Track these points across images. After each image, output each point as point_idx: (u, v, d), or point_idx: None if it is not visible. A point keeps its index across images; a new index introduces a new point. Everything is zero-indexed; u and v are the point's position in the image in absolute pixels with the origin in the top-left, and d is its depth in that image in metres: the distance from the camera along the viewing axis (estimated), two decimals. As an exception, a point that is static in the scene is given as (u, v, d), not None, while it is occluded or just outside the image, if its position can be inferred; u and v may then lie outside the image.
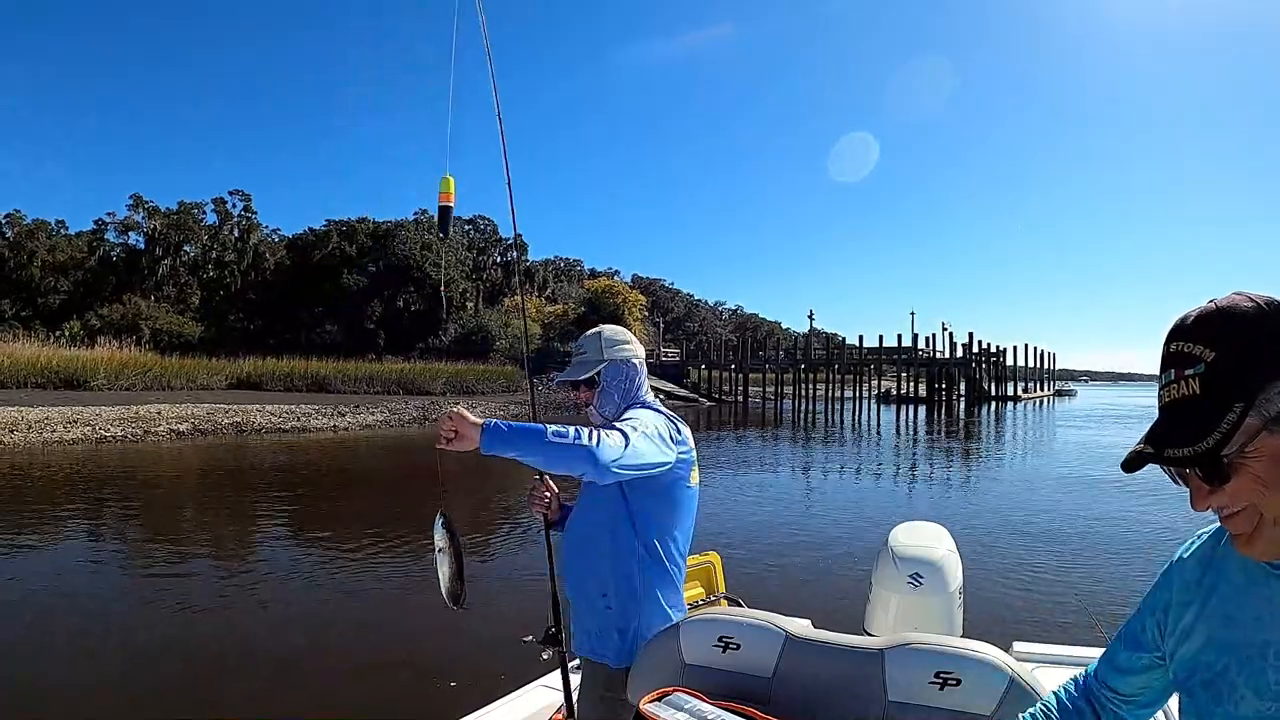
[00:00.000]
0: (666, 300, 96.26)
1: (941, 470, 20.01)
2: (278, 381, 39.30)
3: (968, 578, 3.27)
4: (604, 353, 2.56)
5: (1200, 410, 0.95)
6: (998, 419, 43.24)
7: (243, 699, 5.43)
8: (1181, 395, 0.98)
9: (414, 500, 14.77)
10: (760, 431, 32.42)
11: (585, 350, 2.58)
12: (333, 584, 8.54)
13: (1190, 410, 0.97)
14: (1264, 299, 0.98)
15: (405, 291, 59.89)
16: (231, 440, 23.74)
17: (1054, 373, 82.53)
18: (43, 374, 31.60)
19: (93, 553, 10.08)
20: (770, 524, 11.79)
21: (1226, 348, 0.96)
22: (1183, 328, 1.02)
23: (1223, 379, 0.95)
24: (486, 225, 77.93)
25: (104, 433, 22.40)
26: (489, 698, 3.25)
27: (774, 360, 67.51)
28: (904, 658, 1.88)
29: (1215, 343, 0.97)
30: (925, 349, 64.91)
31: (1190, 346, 0.99)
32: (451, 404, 25.49)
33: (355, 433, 26.99)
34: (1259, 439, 0.93)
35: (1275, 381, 0.93)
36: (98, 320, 52.01)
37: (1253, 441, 0.93)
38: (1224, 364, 0.96)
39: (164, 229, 61.46)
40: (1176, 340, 1.01)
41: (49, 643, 6.55)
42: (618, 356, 2.57)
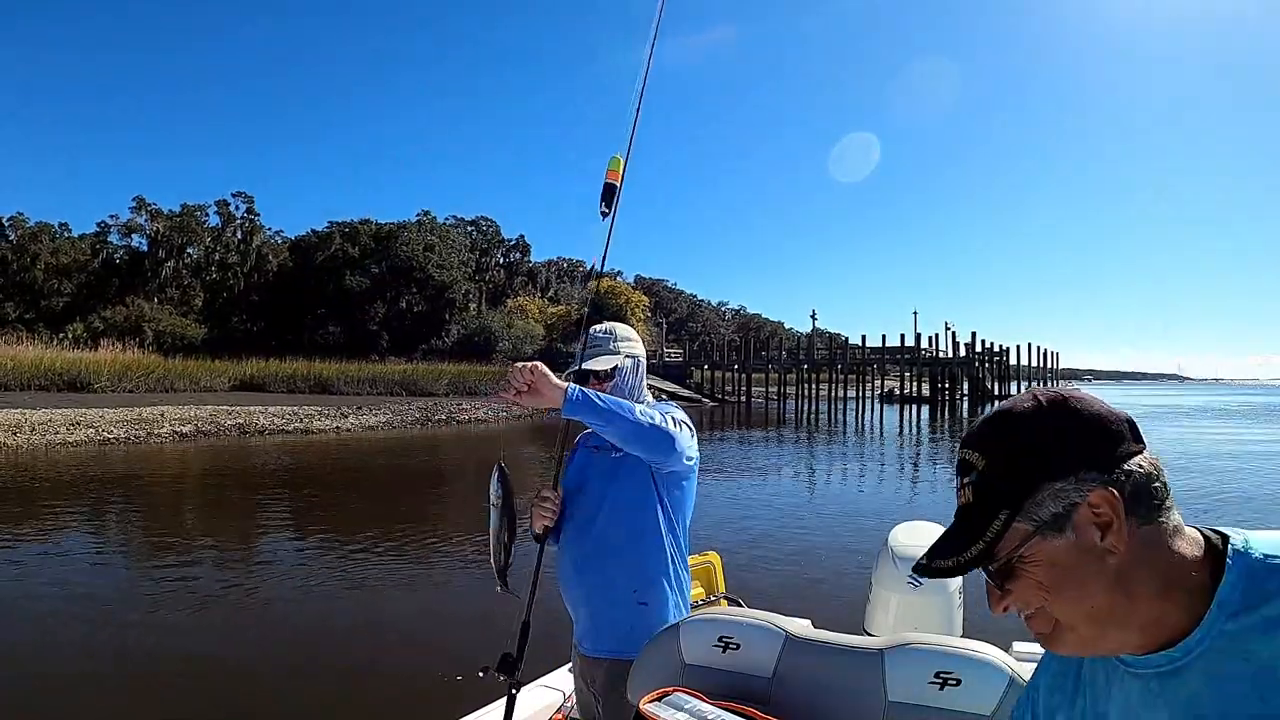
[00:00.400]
0: (669, 301, 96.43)
1: (944, 470, 19.97)
2: (281, 383, 39.26)
3: (968, 578, 3.25)
4: (620, 347, 2.58)
5: (971, 519, 0.96)
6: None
7: (245, 698, 5.43)
8: (962, 503, 0.99)
9: (416, 501, 14.79)
10: (763, 432, 32.42)
11: (602, 343, 2.58)
12: (335, 583, 8.54)
13: (964, 519, 0.98)
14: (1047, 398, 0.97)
15: (408, 293, 59.89)
16: (234, 441, 23.75)
17: (1057, 372, 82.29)
18: (46, 376, 31.59)
19: (96, 552, 10.07)
20: (771, 524, 11.78)
21: (995, 455, 0.96)
22: (967, 434, 1.03)
23: (991, 487, 0.96)
24: (489, 226, 78.08)
25: (107, 434, 22.41)
26: (489, 696, 3.24)
27: (777, 360, 67.46)
28: (904, 658, 1.88)
29: (987, 450, 0.97)
30: (928, 349, 64.83)
31: (969, 454, 1.00)
32: (455, 404, 25.67)
33: (358, 434, 27.00)
34: (1032, 544, 0.93)
35: (1044, 486, 0.93)
36: (101, 322, 52.05)
37: (1026, 546, 0.93)
38: (992, 471, 0.96)
39: (167, 231, 61.50)
40: (962, 448, 1.02)
41: (52, 642, 6.55)
42: (633, 352, 2.60)
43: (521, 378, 2.17)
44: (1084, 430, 0.94)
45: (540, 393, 2.17)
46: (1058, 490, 0.92)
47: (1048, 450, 0.94)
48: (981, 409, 51.14)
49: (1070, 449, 0.93)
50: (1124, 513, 0.92)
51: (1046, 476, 0.93)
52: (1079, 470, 0.92)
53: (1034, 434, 0.95)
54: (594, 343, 2.59)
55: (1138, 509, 0.93)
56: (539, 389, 2.17)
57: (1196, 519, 1.04)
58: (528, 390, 2.17)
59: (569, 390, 2.19)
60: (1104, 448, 0.93)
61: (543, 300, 74.44)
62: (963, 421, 40.05)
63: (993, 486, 0.95)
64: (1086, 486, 0.92)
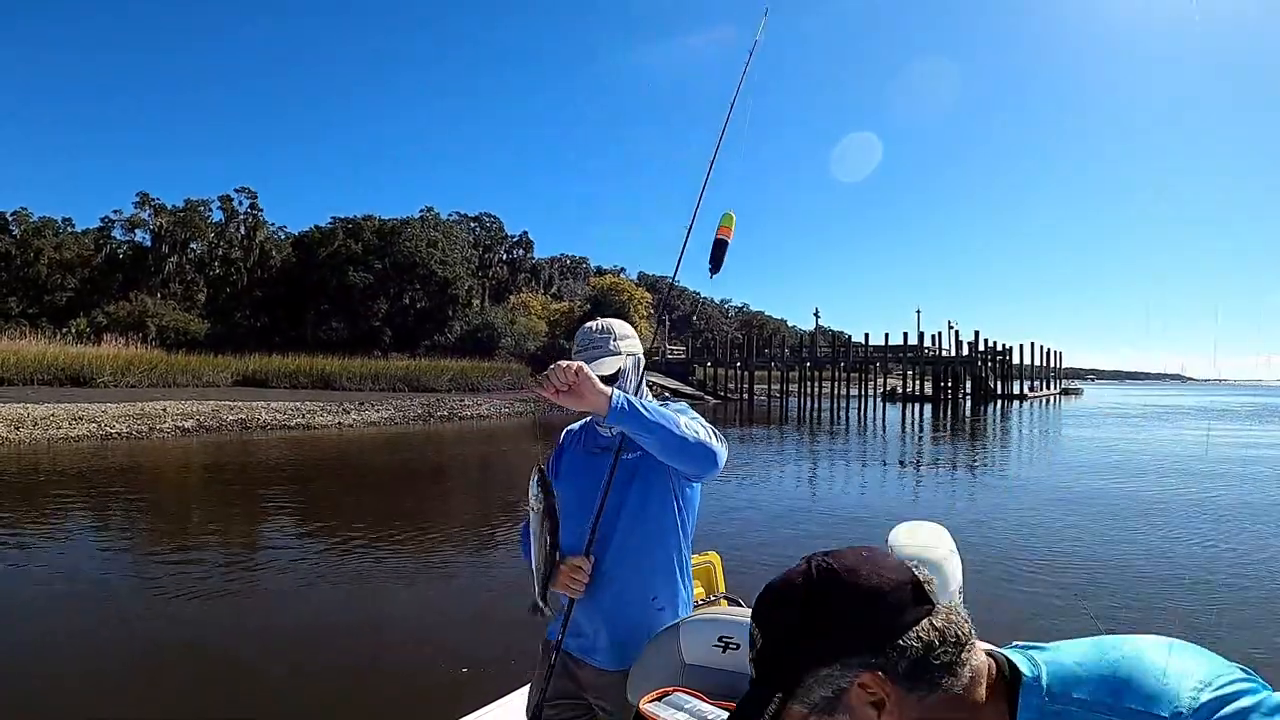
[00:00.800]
0: (672, 298, 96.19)
1: (946, 469, 19.94)
2: (283, 378, 39.33)
3: (968, 578, 3.26)
4: (621, 346, 2.44)
5: (754, 695, 0.96)
6: (1003, 417, 43.13)
7: (245, 693, 5.41)
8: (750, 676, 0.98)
9: (417, 497, 14.77)
10: (765, 429, 32.38)
11: (602, 344, 2.43)
12: (336, 578, 8.54)
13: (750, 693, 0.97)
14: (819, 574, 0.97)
15: (411, 289, 59.85)
16: (236, 437, 23.75)
17: (1060, 371, 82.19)
18: (49, 371, 31.67)
19: (97, 549, 10.06)
20: (771, 523, 11.74)
21: (769, 636, 0.97)
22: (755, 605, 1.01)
23: (768, 666, 0.96)
24: (492, 223, 78.08)
25: (109, 429, 22.40)
26: (487, 696, 3.23)
27: (780, 358, 67.40)
28: None
29: (764, 629, 0.98)
30: (931, 347, 64.73)
31: (753, 628, 0.99)
32: (457, 401, 25.59)
33: (360, 430, 26.98)
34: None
35: (812, 671, 0.93)
36: (104, 317, 52.08)
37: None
38: (766, 653, 0.96)
39: (170, 226, 61.50)
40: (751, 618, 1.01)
41: (53, 638, 6.54)
42: (634, 350, 2.48)
43: (563, 377, 2.04)
44: (853, 611, 0.93)
45: (581, 395, 2.05)
46: (824, 676, 0.92)
47: (814, 635, 0.93)
48: (984, 408, 51.12)
49: (836, 633, 0.93)
50: (899, 690, 0.92)
51: (814, 662, 0.93)
52: (847, 654, 0.92)
53: (801, 617, 0.95)
54: (594, 343, 2.44)
55: (915, 684, 0.92)
56: (580, 391, 2.05)
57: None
58: (567, 391, 2.05)
59: (614, 397, 2.08)
60: (875, 627, 0.93)
61: (545, 297, 74.40)
62: (965, 421, 39.96)
63: (768, 668, 0.96)
64: (853, 671, 0.92)
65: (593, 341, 2.43)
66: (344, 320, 57.86)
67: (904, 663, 0.92)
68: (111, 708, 5.22)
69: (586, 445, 2.55)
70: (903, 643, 0.92)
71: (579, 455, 2.56)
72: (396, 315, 59.42)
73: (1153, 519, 12.03)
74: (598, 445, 2.49)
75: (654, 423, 2.09)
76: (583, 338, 2.47)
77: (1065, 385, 79.49)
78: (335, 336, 55.13)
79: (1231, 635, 6.75)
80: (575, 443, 2.60)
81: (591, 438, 2.53)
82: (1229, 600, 7.94)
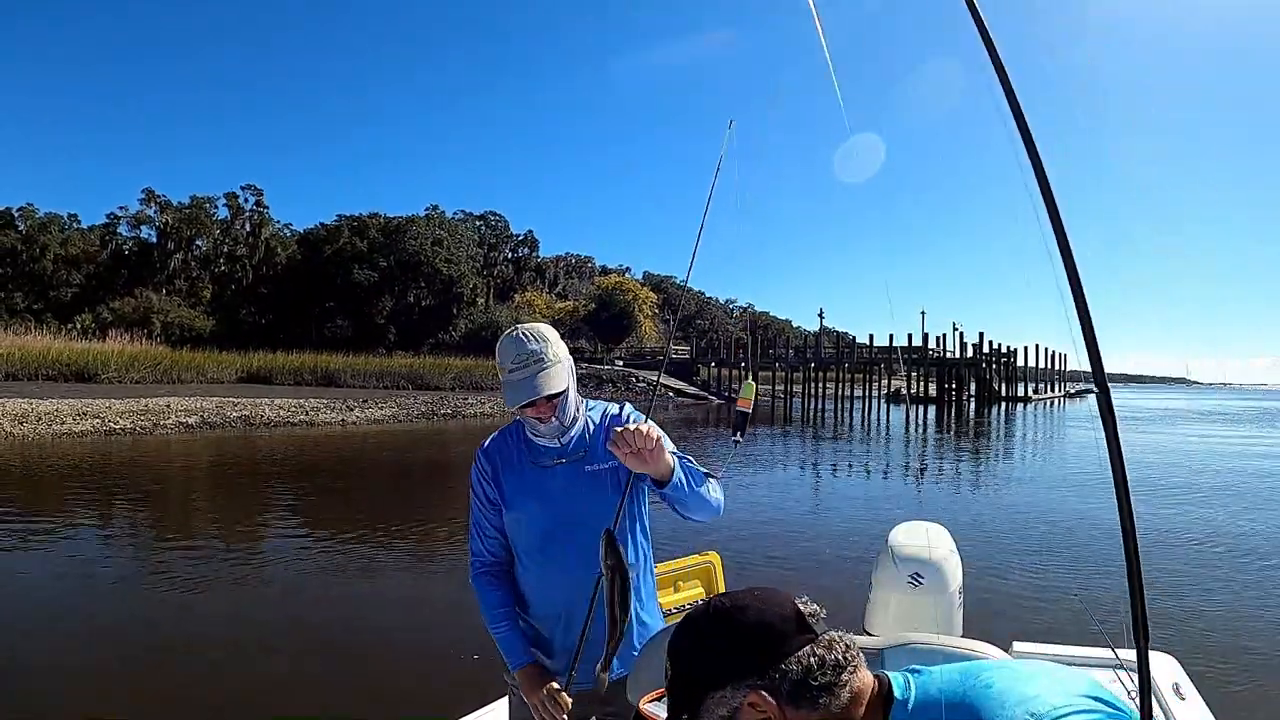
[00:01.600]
0: (677, 298, 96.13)
1: (950, 470, 19.93)
2: (287, 375, 39.42)
3: (968, 578, 3.24)
4: (558, 353, 2.20)
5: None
6: (1007, 420, 43.07)
7: (247, 691, 5.40)
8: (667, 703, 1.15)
9: (419, 493, 14.78)
10: (769, 430, 32.34)
11: (542, 355, 2.16)
12: (339, 574, 8.54)
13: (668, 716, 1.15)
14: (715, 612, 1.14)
15: (415, 287, 60.01)
16: (239, 433, 23.80)
17: (1066, 374, 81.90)
18: (54, 366, 31.80)
19: (97, 542, 10.06)
20: (771, 523, 11.73)
21: (676, 666, 1.14)
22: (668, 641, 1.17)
23: (675, 692, 1.13)
24: (497, 221, 78.16)
25: (113, 425, 22.47)
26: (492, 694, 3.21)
27: (784, 359, 67.34)
28: (904, 658, 1.89)
29: (673, 661, 1.15)
30: (935, 349, 64.60)
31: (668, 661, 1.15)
32: (460, 399, 25.49)
33: (363, 427, 27.02)
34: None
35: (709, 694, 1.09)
36: (109, 313, 52.31)
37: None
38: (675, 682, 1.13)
39: (176, 223, 61.72)
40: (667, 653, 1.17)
41: (56, 630, 6.55)
42: (567, 356, 2.25)
43: (639, 442, 1.93)
44: (741, 639, 1.10)
45: (648, 462, 1.97)
46: (719, 698, 1.08)
47: (710, 663, 1.10)
48: (988, 410, 51.04)
49: (727, 658, 1.09)
50: (783, 706, 1.07)
51: (711, 686, 1.09)
52: (737, 677, 1.08)
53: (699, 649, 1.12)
54: (534, 357, 2.15)
55: (799, 703, 1.07)
56: (649, 459, 1.97)
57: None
58: (634, 454, 1.95)
59: (675, 468, 2.05)
60: (760, 652, 1.08)
61: (550, 296, 74.49)
62: (969, 422, 39.91)
63: (675, 695, 1.13)
64: (743, 691, 1.07)
65: (532, 356, 2.15)
66: (349, 318, 58.01)
67: (786, 684, 1.07)
68: (118, 694, 5.22)
69: (531, 461, 2.32)
70: (785, 666, 1.07)
71: (527, 473, 2.31)
72: (401, 313, 59.57)
73: (1158, 519, 12.05)
74: (547, 459, 2.30)
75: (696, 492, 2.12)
76: (518, 351, 2.16)
77: (1070, 388, 79.20)
78: (340, 334, 55.29)
79: (1226, 641, 6.74)
80: (508, 464, 2.34)
81: (530, 453, 2.32)
82: (1228, 600, 7.92)
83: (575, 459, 2.28)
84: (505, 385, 2.19)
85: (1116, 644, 3.23)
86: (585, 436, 2.31)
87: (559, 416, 2.23)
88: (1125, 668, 3.08)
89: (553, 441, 2.27)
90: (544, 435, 2.26)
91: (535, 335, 2.19)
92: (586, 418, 2.34)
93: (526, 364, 2.15)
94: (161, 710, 5.16)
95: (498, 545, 2.36)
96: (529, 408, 2.18)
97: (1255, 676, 5.88)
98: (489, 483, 2.33)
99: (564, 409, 2.23)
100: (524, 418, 2.26)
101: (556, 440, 2.27)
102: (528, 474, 2.30)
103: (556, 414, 2.22)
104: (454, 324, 60.13)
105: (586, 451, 2.28)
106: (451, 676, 5.52)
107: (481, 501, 2.35)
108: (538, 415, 2.20)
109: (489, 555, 2.37)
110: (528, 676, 2.25)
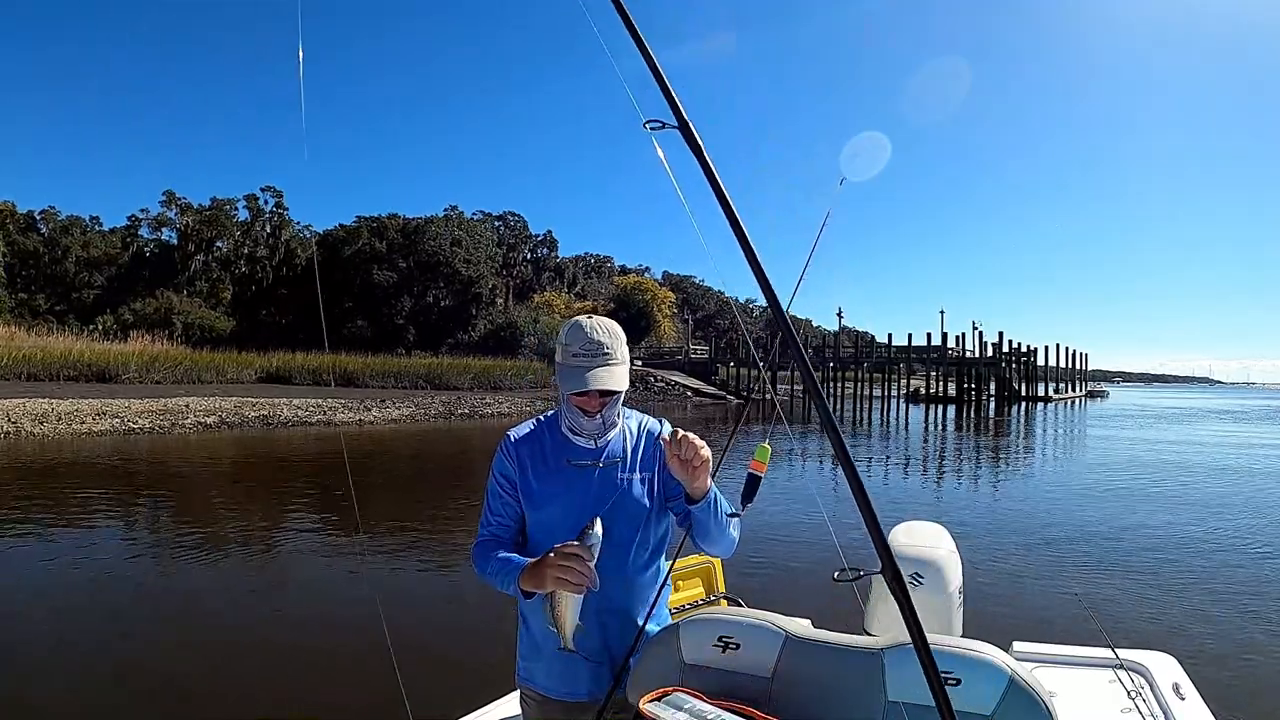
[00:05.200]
0: (697, 297, 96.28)
1: (959, 470, 19.87)
2: (306, 375, 39.68)
3: (968, 578, 3.20)
4: (626, 353, 2.20)
5: None
6: (1026, 419, 42.89)
7: (253, 688, 5.37)
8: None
9: (431, 492, 14.80)
10: (786, 429, 32.29)
11: (612, 352, 2.14)
12: (346, 572, 8.55)
13: None
14: None
15: (434, 287, 60.25)
16: (258, 433, 23.96)
17: (1086, 373, 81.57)
18: (75, 367, 32.15)
19: (109, 539, 10.10)
20: (771, 523, 11.64)
21: None
22: None
23: None
24: (516, 221, 78.42)
25: (132, 424, 22.66)
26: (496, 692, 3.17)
27: (802, 358, 67.13)
28: (903, 658, 1.87)
29: None
30: (955, 348, 64.42)
31: None
32: (478, 399, 25.57)
33: (380, 427, 27.14)
34: None
35: None
36: (131, 315, 52.85)
37: None
38: None
39: (196, 225, 62.34)
40: None
41: (65, 633, 6.55)
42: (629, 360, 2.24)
43: (692, 454, 1.97)
44: None
45: (692, 476, 2.00)
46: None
47: None
48: (1008, 410, 50.80)
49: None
50: None
51: None
52: None
53: None
54: (602, 349, 2.12)
55: None
56: (693, 473, 2.00)
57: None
58: (680, 464, 1.98)
59: (711, 491, 2.08)
60: None
61: (569, 296, 74.70)
62: (989, 422, 39.73)
63: None
64: None
65: (601, 348, 2.12)
66: (368, 318, 58.32)
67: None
68: (130, 693, 5.19)
69: (565, 459, 2.24)
70: None
71: (559, 471, 2.23)
72: (420, 314, 59.82)
73: (1159, 520, 12.03)
74: (583, 459, 2.23)
75: (721, 522, 2.13)
76: (588, 339, 2.13)
77: (1091, 387, 78.84)
78: (359, 334, 55.56)
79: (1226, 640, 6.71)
80: (539, 457, 2.26)
81: (564, 449, 2.25)
82: (1229, 602, 7.84)
83: (610, 464, 2.22)
84: (565, 368, 2.14)
85: (1116, 644, 3.18)
86: (623, 443, 2.26)
87: (605, 415, 2.18)
88: (1125, 667, 3.04)
89: (589, 441, 2.22)
90: (583, 432, 2.20)
91: (607, 329, 2.17)
92: (624, 425, 2.28)
93: (594, 354, 2.12)
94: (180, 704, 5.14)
95: (507, 529, 2.28)
96: (581, 397, 2.14)
97: (1256, 676, 5.86)
98: (514, 468, 2.25)
99: (612, 408, 2.19)
100: (570, 407, 2.18)
101: (593, 440, 2.21)
102: (559, 472, 2.23)
103: (604, 411, 2.17)
104: (473, 324, 60.35)
105: (621, 459, 2.23)
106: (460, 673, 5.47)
107: (501, 484, 2.27)
108: (586, 407, 2.16)
109: (497, 530, 2.27)
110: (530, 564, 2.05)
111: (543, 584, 1.98)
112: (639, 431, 2.30)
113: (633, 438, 2.28)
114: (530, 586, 2.04)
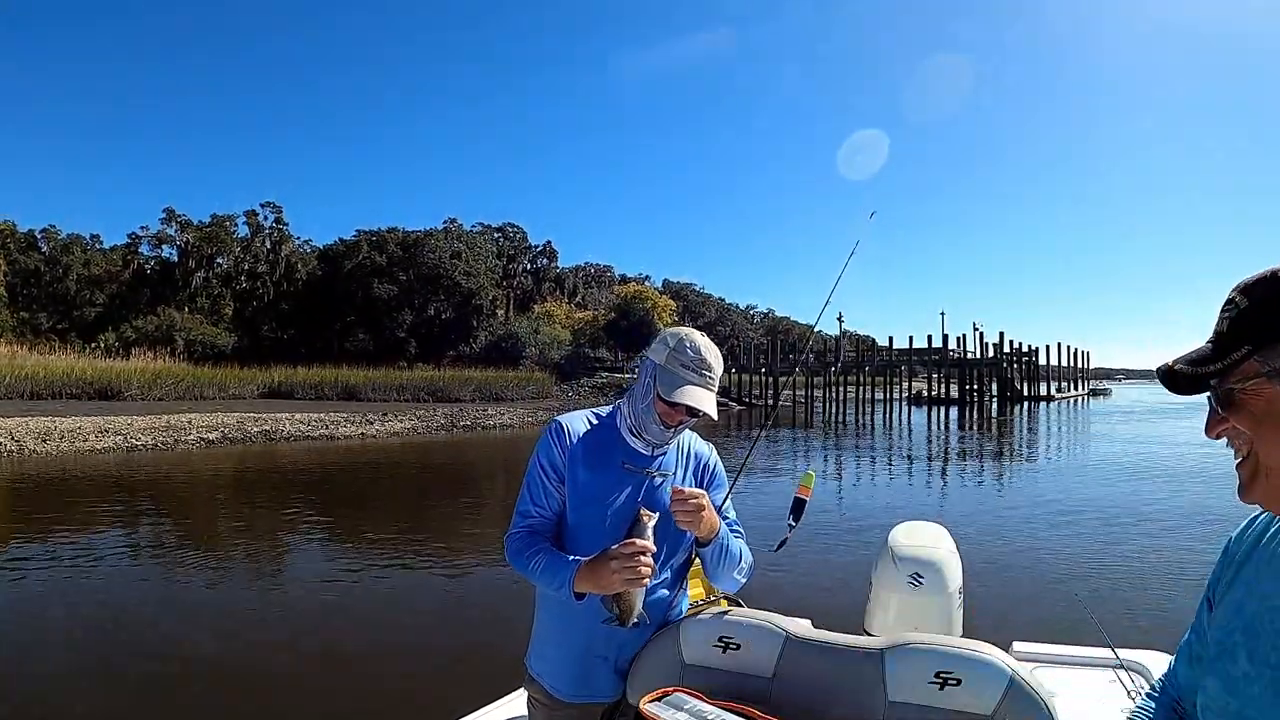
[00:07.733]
0: (697, 305, 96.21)
1: (960, 470, 19.82)
2: (308, 390, 39.71)
3: (968, 578, 3.21)
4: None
5: (1218, 344, 1.10)
6: (1029, 419, 42.80)
7: (264, 695, 5.38)
8: (1216, 331, 1.12)
9: (435, 505, 14.78)
10: (790, 433, 32.25)
11: (716, 378, 2.17)
12: (354, 581, 8.54)
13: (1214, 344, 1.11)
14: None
15: (435, 300, 60.27)
16: (260, 447, 23.92)
17: (1088, 371, 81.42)
18: (77, 385, 32.13)
19: (110, 554, 10.10)
20: (771, 524, 11.62)
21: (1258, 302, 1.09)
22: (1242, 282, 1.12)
23: (1244, 324, 1.08)
24: (515, 232, 78.36)
25: (135, 441, 22.63)
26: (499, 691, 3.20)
27: (804, 363, 67.17)
28: (904, 657, 1.90)
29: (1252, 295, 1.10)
30: (956, 349, 64.33)
31: (1236, 295, 1.11)
32: (480, 410, 25.64)
33: (382, 440, 27.10)
34: (1256, 381, 1.05)
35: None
36: (133, 332, 52.80)
37: (1250, 381, 1.05)
38: (1250, 314, 1.08)
39: (197, 242, 62.32)
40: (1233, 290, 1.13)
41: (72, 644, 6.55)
42: None
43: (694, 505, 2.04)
44: None
45: (696, 522, 2.06)
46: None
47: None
48: (1010, 410, 50.69)
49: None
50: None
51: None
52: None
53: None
54: (711, 373, 2.16)
55: None
56: (700, 521, 2.06)
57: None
58: (685, 512, 2.04)
59: (720, 533, 2.17)
60: None
61: (569, 306, 74.59)
62: (992, 422, 39.65)
63: (1245, 323, 1.08)
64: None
65: (710, 371, 2.16)
66: (369, 332, 58.34)
67: None
68: (135, 710, 5.20)
69: (620, 459, 2.23)
70: None
71: (611, 468, 2.21)
72: (421, 326, 59.85)
73: (1160, 520, 12.06)
74: (640, 464, 2.23)
75: (727, 549, 2.23)
76: (699, 361, 2.14)
77: (1093, 386, 78.66)
78: (360, 348, 55.59)
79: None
80: (595, 453, 2.23)
81: (620, 449, 2.24)
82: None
83: (661, 476, 2.24)
84: (667, 372, 2.13)
85: (1116, 644, 3.18)
86: (675, 458, 2.30)
87: (677, 430, 2.20)
88: (1125, 667, 3.03)
89: (647, 448, 2.22)
90: (649, 437, 2.19)
91: (717, 355, 2.19)
92: (677, 438, 2.29)
93: (701, 370, 2.13)
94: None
95: (547, 521, 2.22)
96: (670, 406, 2.12)
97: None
98: (563, 457, 2.20)
99: (685, 427, 2.23)
100: (650, 407, 2.15)
101: (651, 448, 2.22)
102: (611, 470, 2.20)
103: (678, 429, 2.19)
104: (474, 336, 60.35)
105: (670, 474, 2.26)
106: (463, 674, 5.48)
107: (546, 472, 2.21)
108: (669, 418, 2.15)
109: (537, 522, 2.21)
110: (586, 566, 2.02)
111: (609, 587, 1.96)
112: (689, 450, 2.34)
113: (683, 455, 2.32)
114: (589, 589, 2.00)
